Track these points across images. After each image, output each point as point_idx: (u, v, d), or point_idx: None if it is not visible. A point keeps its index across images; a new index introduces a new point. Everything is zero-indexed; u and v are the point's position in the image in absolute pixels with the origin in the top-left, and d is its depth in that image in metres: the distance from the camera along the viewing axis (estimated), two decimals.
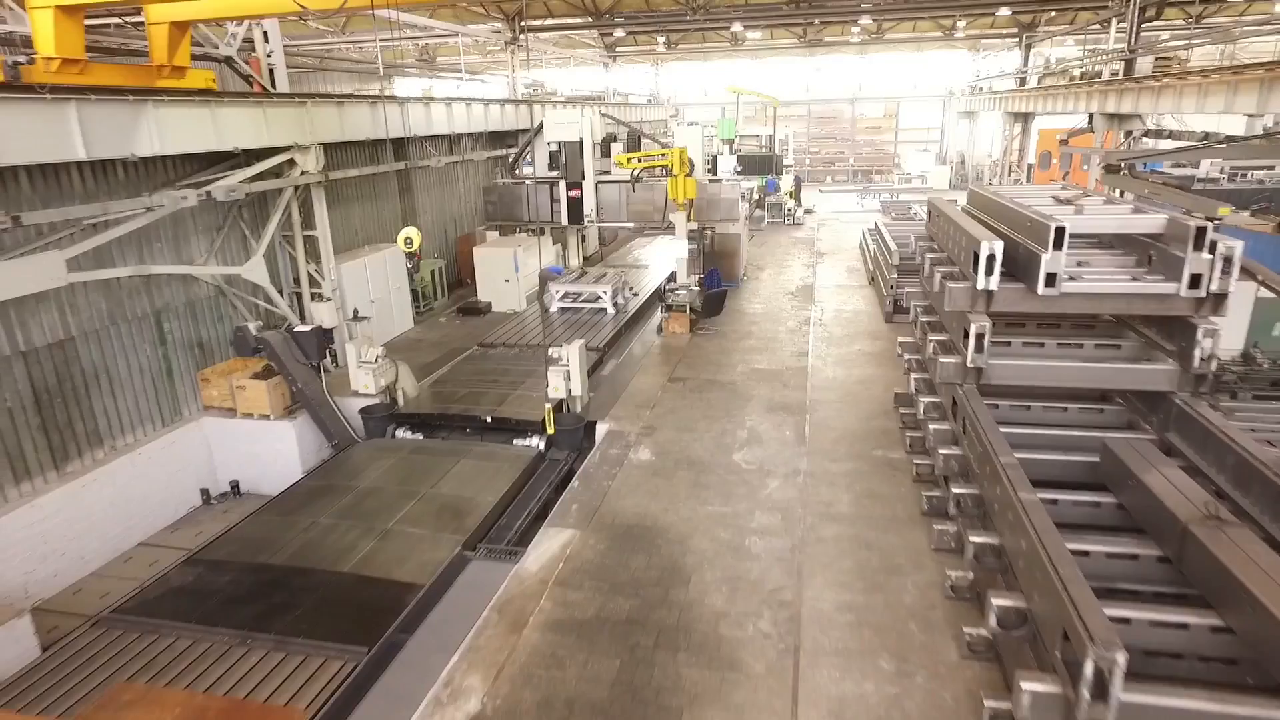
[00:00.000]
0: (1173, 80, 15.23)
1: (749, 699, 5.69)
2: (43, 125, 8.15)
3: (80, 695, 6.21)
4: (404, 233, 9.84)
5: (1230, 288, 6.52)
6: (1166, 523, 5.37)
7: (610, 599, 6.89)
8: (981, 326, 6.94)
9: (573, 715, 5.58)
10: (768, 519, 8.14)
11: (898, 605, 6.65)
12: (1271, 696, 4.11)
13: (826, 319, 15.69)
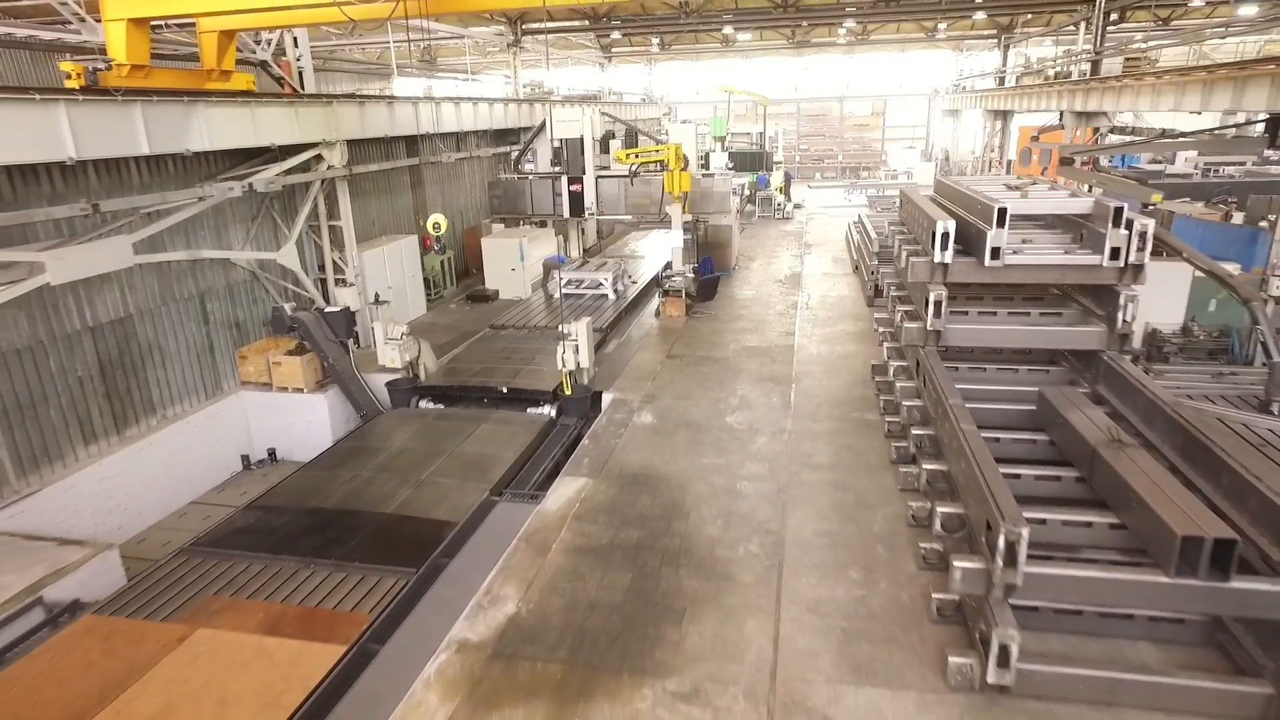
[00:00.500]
0: (1131, 81, 16.47)
1: (740, 601, 6.83)
2: (115, 124, 9.21)
3: (173, 609, 7.30)
4: (433, 218, 10.98)
5: (1145, 260, 7.67)
6: (1082, 448, 6.55)
7: (621, 530, 8.02)
8: (939, 294, 8.08)
9: (593, 614, 6.70)
10: (756, 468, 9.29)
11: (867, 532, 7.80)
12: (1143, 569, 5.28)
13: (813, 303, 16.85)
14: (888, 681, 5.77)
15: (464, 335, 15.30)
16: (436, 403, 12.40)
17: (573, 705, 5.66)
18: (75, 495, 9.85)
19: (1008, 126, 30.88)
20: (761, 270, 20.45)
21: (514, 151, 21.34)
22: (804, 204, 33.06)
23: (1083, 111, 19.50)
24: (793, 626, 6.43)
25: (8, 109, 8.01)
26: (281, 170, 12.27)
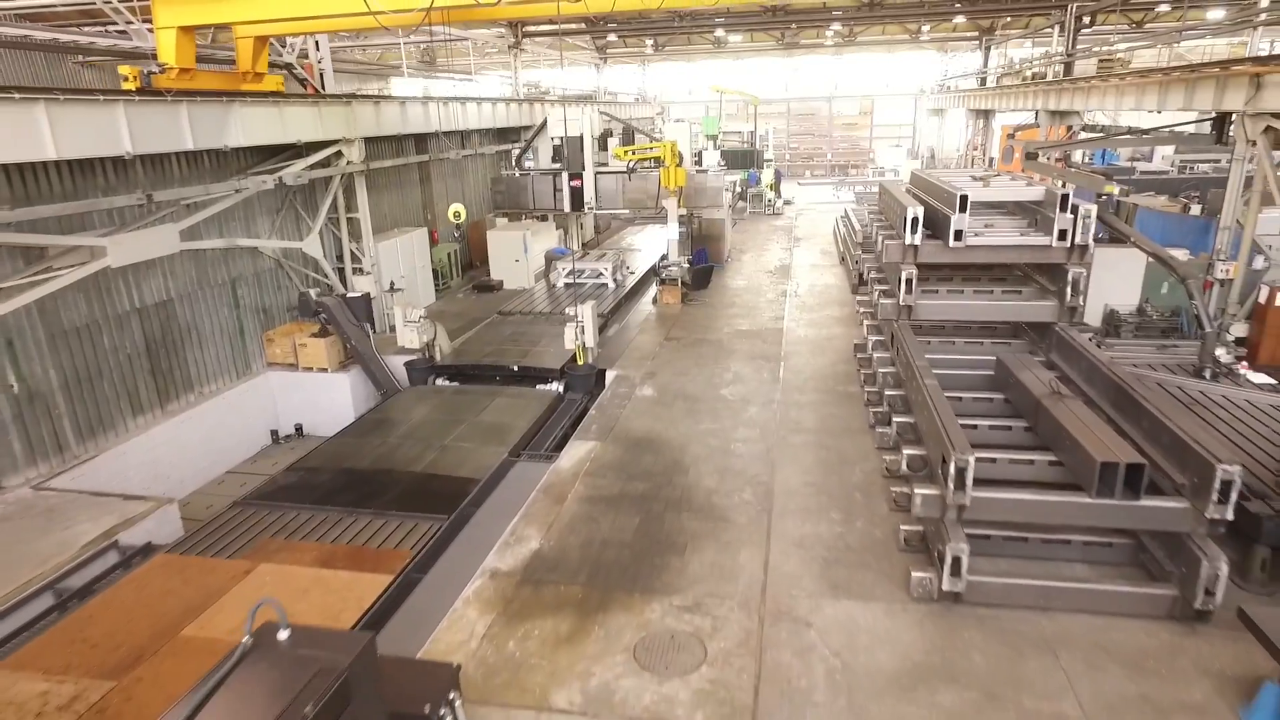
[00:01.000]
0: (1099, 82, 17.57)
1: (735, 538, 7.82)
2: (165, 122, 10.13)
3: (234, 550, 8.24)
4: (454, 207, 11.94)
5: (1089, 241, 8.69)
6: (1029, 402, 7.58)
7: (628, 483, 9.01)
8: (910, 273, 9.10)
9: (607, 549, 7.69)
10: (748, 432, 10.29)
11: (847, 483, 8.82)
12: (1070, 493, 6.32)
13: (801, 291, 17.88)
14: (860, 596, 6.77)
15: (473, 321, 16.24)
16: (452, 380, 13.34)
17: (593, 617, 6.64)
18: (125, 462, 10.75)
19: (990, 125, 32.03)
20: (753, 262, 21.46)
21: (514, 149, 22.28)
22: (794, 200, 34.10)
23: (1056, 110, 20.63)
24: (780, 556, 7.44)
25: (76, 109, 8.91)
26: (307, 165, 13.19)
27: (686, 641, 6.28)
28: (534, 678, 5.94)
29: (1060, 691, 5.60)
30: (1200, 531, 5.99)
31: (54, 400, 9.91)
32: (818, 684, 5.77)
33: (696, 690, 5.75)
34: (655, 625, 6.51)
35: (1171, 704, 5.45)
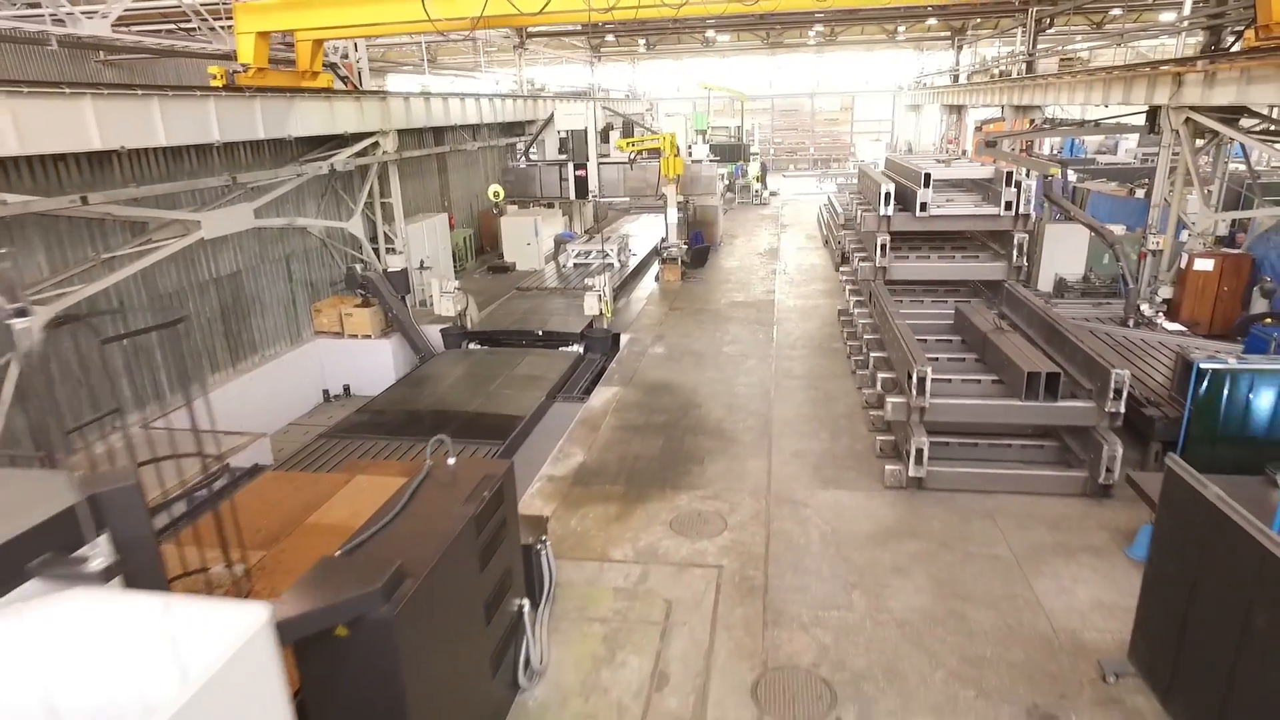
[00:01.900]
0: (1054, 80, 19.51)
1: (742, 452, 9.59)
2: (243, 114, 11.72)
3: (325, 470, 9.89)
4: (493, 187, 13.60)
5: (1031, 211, 10.52)
6: (978, 336, 9.41)
7: (651, 415, 10.76)
8: (884, 240, 10.91)
9: (639, 461, 9.42)
10: (748, 378, 12.07)
11: (834, 413, 10.61)
12: (1004, 398, 8.14)
13: (789, 270, 19.70)
14: (844, 487, 8.57)
15: (493, 297, 17.90)
16: (482, 345, 15.02)
17: (633, 504, 8.38)
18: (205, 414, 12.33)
19: (963, 120, 34.05)
20: (744, 245, 23.27)
21: (520, 142, 23.93)
22: (779, 192, 35.99)
23: (1019, 105, 22.59)
24: (780, 463, 9.22)
25: (181, 103, 10.49)
26: (352, 153, 14.80)
27: (710, 517, 8.05)
28: (594, 543, 7.67)
29: (995, 541, 7.41)
30: (1103, 425, 7.82)
31: (154, 355, 11.50)
32: (813, 541, 7.55)
33: (721, 546, 7.52)
34: (684, 508, 8.26)
35: (1078, 547, 7.28)
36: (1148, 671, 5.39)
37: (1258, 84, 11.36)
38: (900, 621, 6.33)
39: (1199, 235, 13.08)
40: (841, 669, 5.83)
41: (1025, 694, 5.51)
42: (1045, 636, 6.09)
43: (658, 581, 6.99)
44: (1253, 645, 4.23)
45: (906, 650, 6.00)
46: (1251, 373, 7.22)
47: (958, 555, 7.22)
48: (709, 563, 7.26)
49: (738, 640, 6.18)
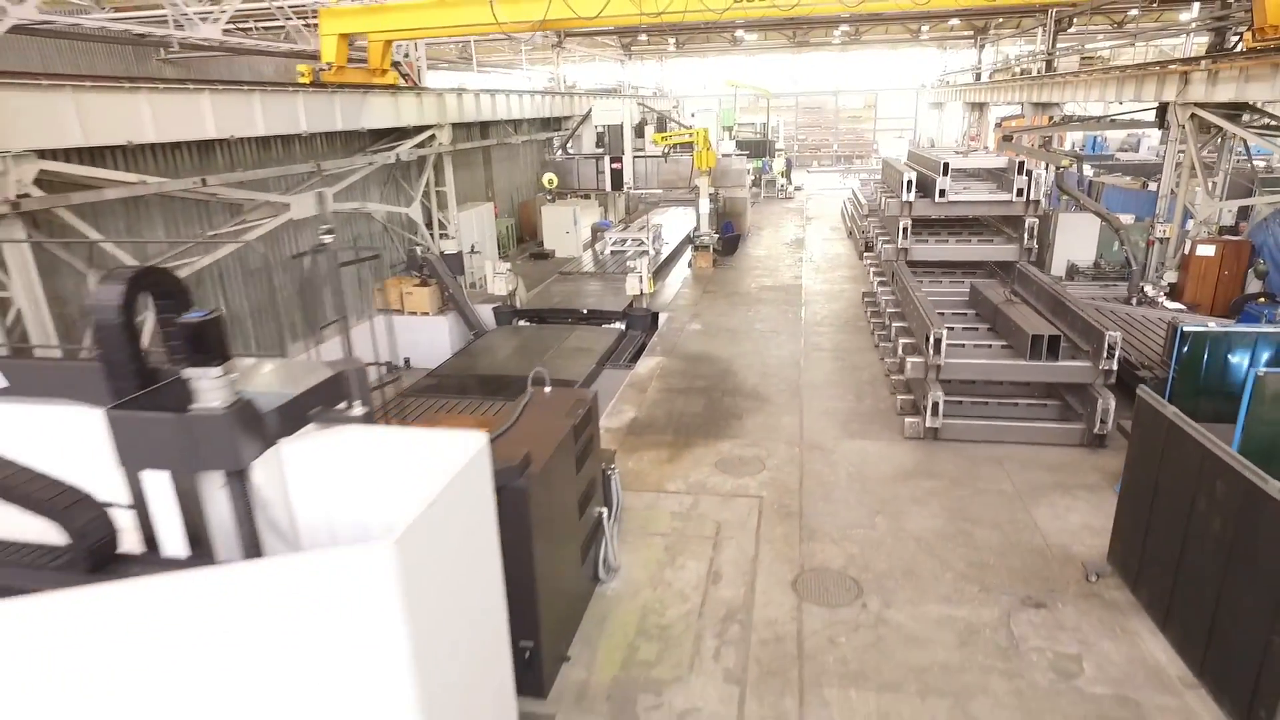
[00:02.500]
0: (1071, 78, 20.42)
1: (776, 410, 10.73)
2: (324, 108, 13.02)
3: (410, 421, 11.15)
4: (547, 175, 14.81)
5: (1041, 198, 11.56)
6: (990, 308, 10.48)
7: (692, 380, 11.93)
8: (906, 223, 12.00)
9: (684, 416, 10.59)
10: (779, 351, 13.20)
11: (859, 380, 11.72)
12: (1011, 358, 9.23)
13: (815, 258, 20.78)
14: (868, 438, 9.69)
15: (536, 281, 19.13)
16: (531, 322, 16.26)
17: (682, 450, 9.56)
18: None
19: (985, 117, 34.85)
20: (771, 236, 24.36)
21: (556, 136, 25.16)
22: (803, 187, 36.98)
23: (1038, 102, 23.48)
24: (810, 419, 10.36)
25: (276, 97, 11.80)
26: (413, 144, 16.09)
27: (751, 460, 9.21)
28: (651, 478, 8.86)
29: (1001, 480, 8.51)
30: (1098, 382, 8.88)
31: (245, 323, 12.85)
32: (841, 479, 8.70)
33: (761, 482, 8.68)
34: (727, 453, 9.43)
35: (1073, 485, 8.36)
36: (1122, 568, 6.49)
37: (1255, 82, 12.33)
38: (916, 538, 7.46)
39: (1202, 223, 14.02)
40: (866, 570, 6.98)
41: (1020, 589, 6.63)
42: (1039, 549, 7.20)
43: (708, 508, 8.17)
44: (1195, 526, 5.34)
45: (921, 558, 7.14)
46: (1228, 336, 8.25)
47: (968, 491, 8.33)
48: (751, 494, 8.44)
49: (778, 550, 7.35)
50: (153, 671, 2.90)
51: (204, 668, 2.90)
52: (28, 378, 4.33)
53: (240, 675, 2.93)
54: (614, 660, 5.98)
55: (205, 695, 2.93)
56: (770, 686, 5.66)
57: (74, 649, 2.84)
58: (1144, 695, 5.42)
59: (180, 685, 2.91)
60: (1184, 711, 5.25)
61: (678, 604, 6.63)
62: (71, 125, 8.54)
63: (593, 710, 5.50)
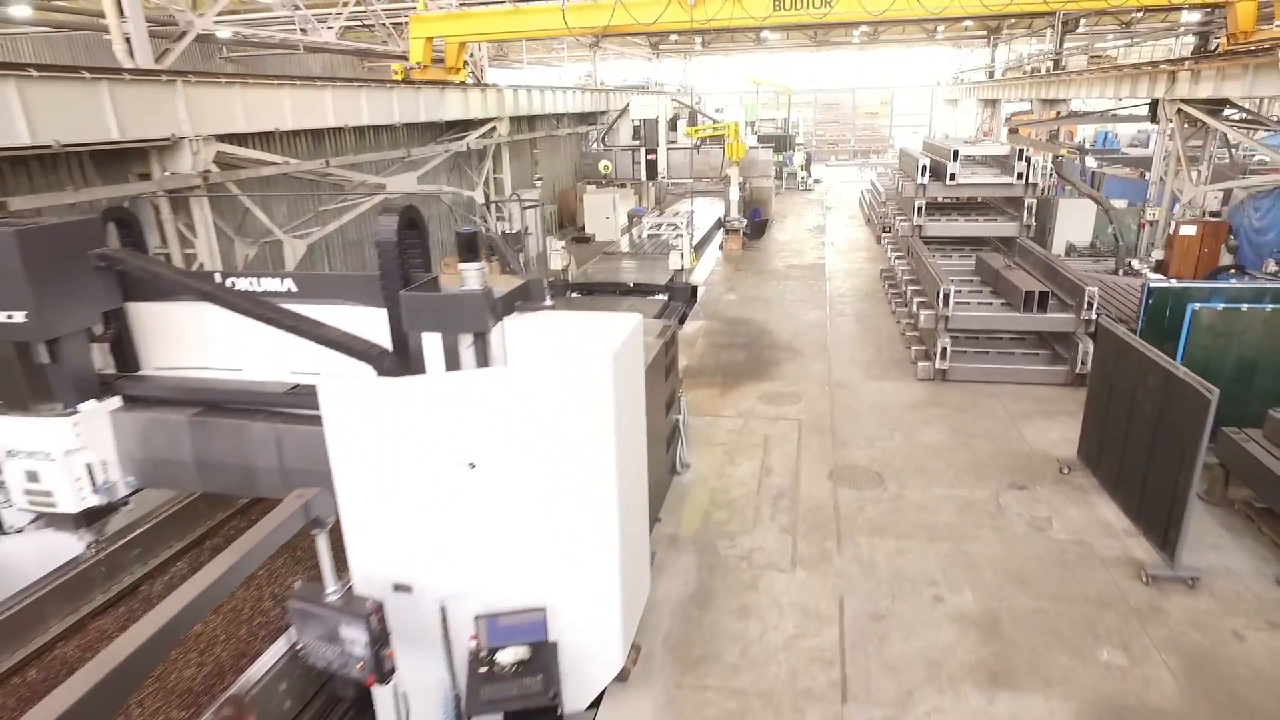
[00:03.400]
0: (1074, 76, 22.10)
1: (807, 360, 12.57)
2: (411, 102, 14.96)
3: None
4: (603, 162, 16.69)
5: (1040, 181, 13.34)
6: (992, 273, 12.29)
7: (733, 338, 13.80)
8: (921, 203, 13.81)
9: (730, 365, 12.46)
10: (808, 315, 15.04)
11: (878, 338, 13.55)
12: (1008, 311, 11.04)
13: (835, 241, 22.57)
14: (887, 379, 11.53)
15: (581, 260, 21.02)
16: (582, 294, 18.16)
17: (730, 388, 11.43)
18: None
19: (997, 113, 36.43)
20: (794, 223, 26.16)
21: (592, 130, 27.06)
22: (822, 180, 38.69)
23: (1045, 99, 25.14)
24: (837, 366, 12.21)
25: (377, 91, 13.73)
26: (479, 135, 18.03)
27: (789, 395, 11.08)
28: (707, 407, 10.74)
29: (997, 409, 10.33)
30: (1079, 330, 10.68)
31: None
32: (864, 408, 10.54)
33: (798, 410, 10.54)
34: (769, 390, 11.30)
35: (1055, 412, 10.16)
36: (1087, 459, 8.33)
37: (1230, 80, 14.04)
38: (926, 446, 9.31)
39: (1185, 206, 15.73)
40: (886, 466, 8.84)
41: (1007, 478, 8.47)
42: (1024, 453, 9.03)
43: (756, 426, 10.05)
44: (1134, 414, 7.16)
45: (930, 459, 8.99)
46: (1186, 290, 10.00)
47: (969, 416, 10.17)
48: (791, 418, 10.31)
49: (815, 454, 9.22)
50: (464, 426, 4.78)
51: (494, 427, 4.79)
52: (313, 286, 6.24)
53: (521, 424, 4.81)
54: (694, 521, 7.87)
55: (503, 433, 4.81)
56: (814, 536, 7.53)
57: (434, 412, 4.75)
58: (1095, 539, 7.25)
59: (480, 439, 4.79)
60: (1122, 547, 7.09)
61: (739, 488, 8.51)
62: (238, 115, 10.51)
63: (684, 550, 7.39)
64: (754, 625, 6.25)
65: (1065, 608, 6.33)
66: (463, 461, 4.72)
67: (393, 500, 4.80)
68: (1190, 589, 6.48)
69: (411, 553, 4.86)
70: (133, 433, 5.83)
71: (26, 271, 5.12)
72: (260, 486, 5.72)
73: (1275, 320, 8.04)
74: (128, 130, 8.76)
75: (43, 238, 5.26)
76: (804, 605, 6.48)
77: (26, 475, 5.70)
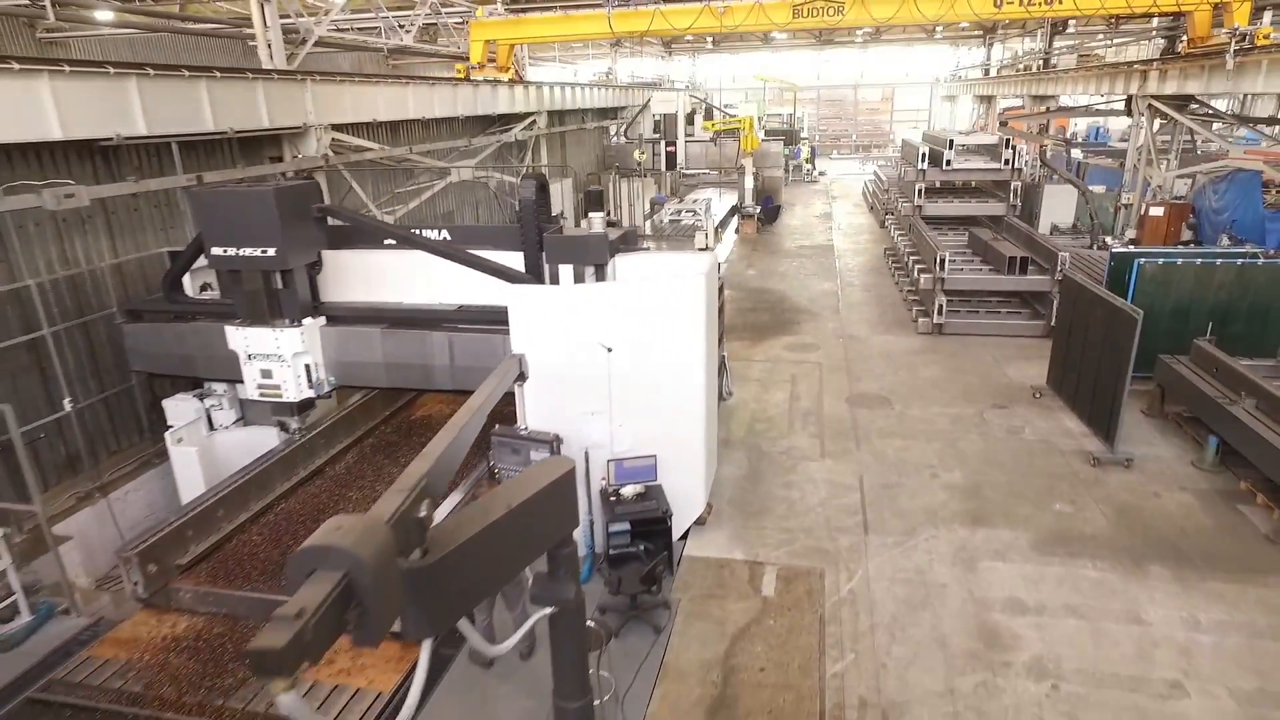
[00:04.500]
0: (1061, 74, 24.10)
1: (823, 319, 14.60)
2: (470, 97, 16.95)
3: None
4: (637, 151, 18.68)
5: (1024, 167, 15.34)
6: (981, 245, 14.32)
7: (757, 303, 15.83)
8: (921, 185, 15.82)
9: (757, 324, 14.48)
10: (820, 286, 17.07)
11: (883, 303, 15.57)
12: (994, 275, 13.09)
13: (841, 226, 24.60)
14: (891, 333, 13.56)
15: None
16: None
17: (758, 341, 13.45)
18: None
19: (992, 109, 38.41)
20: (802, 210, 28.19)
21: (613, 124, 29.02)
22: (826, 172, 40.71)
23: (1036, 95, 27.14)
24: (849, 324, 14.24)
25: (443, 88, 15.72)
26: (522, 127, 20.02)
27: (810, 345, 13.11)
28: (741, 354, 12.76)
29: (984, 354, 12.36)
30: (1054, 290, 12.69)
31: None
32: (873, 354, 12.57)
33: (818, 356, 12.57)
34: (791, 342, 13.33)
35: (1033, 356, 12.16)
36: (1054, 385, 10.37)
37: (1191, 79, 16.05)
38: (925, 380, 11.35)
39: (1155, 190, 17.74)
40: (893, 394, 10.87)
41: (991, 401, 10.50)
42: (1006, 384, 11.07)
43: (783, 368, 12.09)
44: (1088, 341, 9.19)
45: (928, 389, 11.02)
46: (1139, 252, 12.03)
47: (961, 359, 12.20)
48: (812, 361, 12.35)
49: (834, 386, 11.26)
50: (603, 322, 6.78)
51: (624, 324, 6.79)
52: (462, 235, 8.24)
53: (640, 322, 6.80)
54: (741, 431, 9.91)
55: (628, 328, 6.80)
56: (837, 439, 9.57)
57: (599, 306, 6.77)
58: (1057, 439, 9.29)
59: (614, 332, 6.79)
60: (1077, 444, 9.12)
61: (775, 409, 10.55)
62: (347, 107, 12.50)
63: (736, 449, 9.41)
64: (795, 492, 8.29)
65: (1030, 480, 8.37)
66: (602, 346, 6.74)
67: (555, 374, 6.82)
68: (1126, 469, 8.52)
69: (566, 412, 6.88)
70: (336, 343, 7.85)
71: (280, 219, 7.14)
72: (436, 380, 7.75)
73: (1202, 272, 10.08)
74: (276, 120, 10.76)
75: (287, 195, 7.28)
76: (832, 480, 8.52)
77: (261, 373, 7.73)
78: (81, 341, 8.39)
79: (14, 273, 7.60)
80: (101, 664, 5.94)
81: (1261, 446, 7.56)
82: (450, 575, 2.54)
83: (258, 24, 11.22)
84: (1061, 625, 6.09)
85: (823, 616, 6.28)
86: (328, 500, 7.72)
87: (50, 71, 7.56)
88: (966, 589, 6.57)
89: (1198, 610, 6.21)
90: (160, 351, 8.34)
